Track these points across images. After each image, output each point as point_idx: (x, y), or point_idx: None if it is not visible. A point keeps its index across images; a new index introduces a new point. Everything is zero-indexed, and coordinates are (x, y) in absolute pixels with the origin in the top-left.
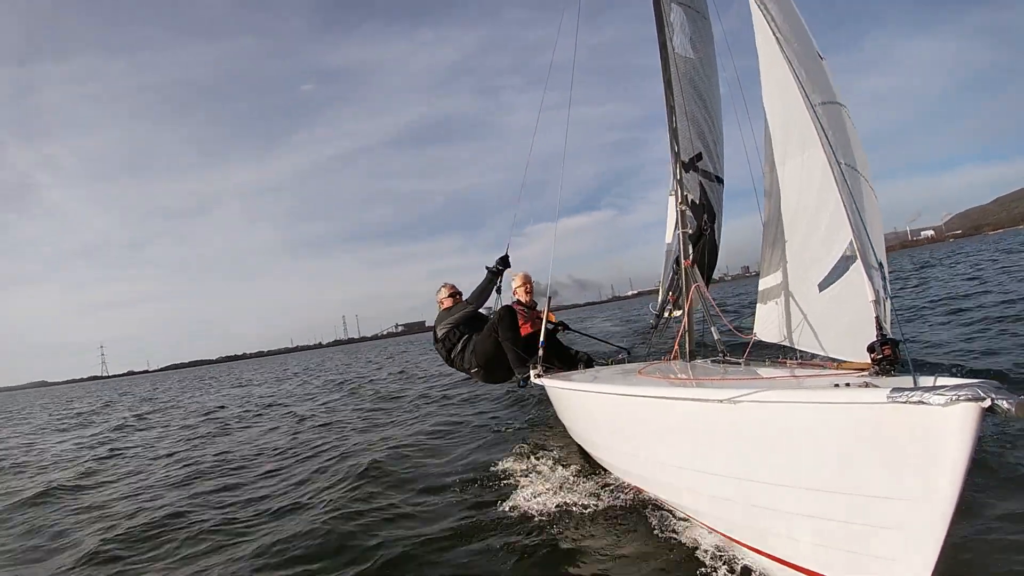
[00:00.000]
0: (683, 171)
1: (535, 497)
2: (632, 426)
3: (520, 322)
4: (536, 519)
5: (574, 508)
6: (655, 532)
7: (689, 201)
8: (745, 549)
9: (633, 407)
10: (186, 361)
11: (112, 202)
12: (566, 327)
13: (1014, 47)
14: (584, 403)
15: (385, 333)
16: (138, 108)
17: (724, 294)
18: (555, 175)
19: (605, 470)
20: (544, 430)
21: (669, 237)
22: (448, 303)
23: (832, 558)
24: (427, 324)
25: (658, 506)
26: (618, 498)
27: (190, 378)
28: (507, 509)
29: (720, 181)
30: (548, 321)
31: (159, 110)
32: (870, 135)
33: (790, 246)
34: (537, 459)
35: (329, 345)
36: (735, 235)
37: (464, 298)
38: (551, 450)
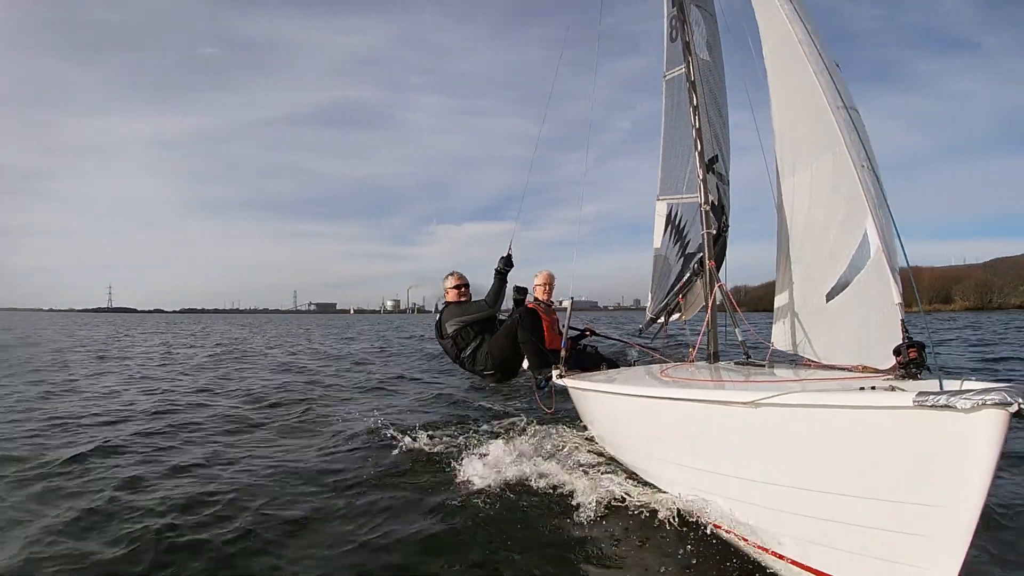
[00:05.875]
0: (705, 172)
1: (555, 497)
2: (655, 428)
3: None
4: (557, 520)
5: (596, 509)
6: (679, 535)
7: (710, 202)
8: (767, 554)
9: (656, 409)
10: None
11: (10, 130)
12: (594, 332)
13: (931, 130)
14: (607, 404)
15: (295, 309)
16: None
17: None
18: (460, 178)
19: (628, 471)
20: (565, 430)
21: (658, 243)
22: (453, 295)
23: (856, 563)
24: (338, 307)
25: (682, 508)
26: (641, 500)
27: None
28: (523, 509)
29: (728, 183)
30: (580, 329)
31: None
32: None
33: (801, 257)
34: (557, 460)
35: (222, 312)
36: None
37: (469, 294)
38: (572, 451)
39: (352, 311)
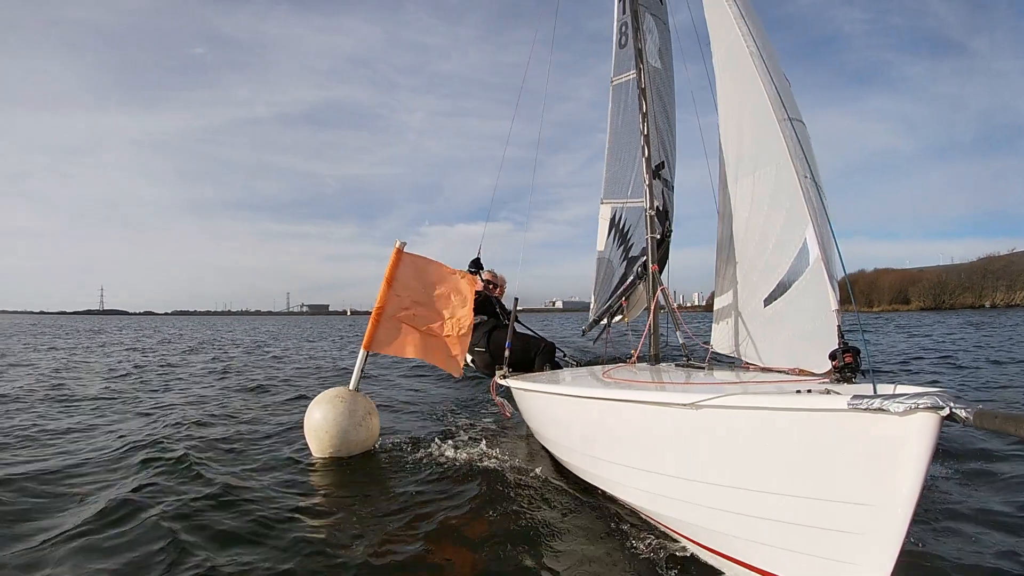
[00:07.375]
0: (651, 178)
1: (495, 499)
2: (596, 429)
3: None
4: (497, 521)
5: (536, 510)
6: (617, 535)
7: (655, 207)
8: (707, 552)
9: (598, 410)
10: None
11: None
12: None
13: (914, 131)
14: (549, 405)
15: (287, 311)
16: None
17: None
18: (453, 178)
19: (570, 473)
20: (509, 431)
21: (601, 245)
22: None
23: (791, 561)
24: (331, 308)
25: (621, 509)
26: (581, 501)
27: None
28: (466, 511)
29: (673, 189)
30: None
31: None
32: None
33: (740, 263)
34: (500, 461)
35: (214, 314)
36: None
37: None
38: (515, 451)
39: (349, 312)
